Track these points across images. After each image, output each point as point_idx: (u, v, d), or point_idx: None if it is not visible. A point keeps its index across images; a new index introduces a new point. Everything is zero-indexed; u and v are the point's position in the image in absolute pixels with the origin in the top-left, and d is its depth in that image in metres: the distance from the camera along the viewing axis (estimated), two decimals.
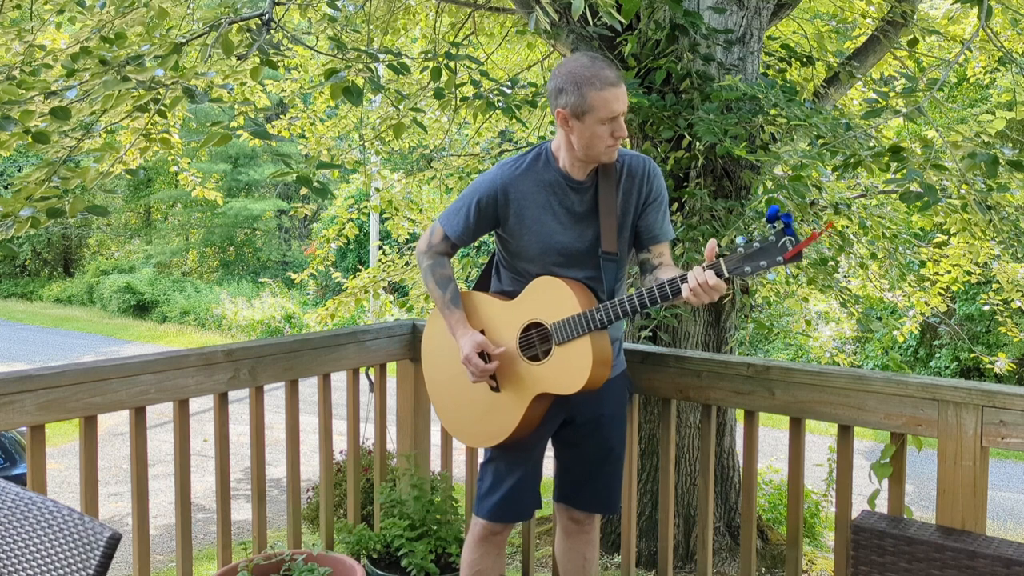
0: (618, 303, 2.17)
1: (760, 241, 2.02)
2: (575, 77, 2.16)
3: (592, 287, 2.31)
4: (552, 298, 2.27)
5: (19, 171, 19.41)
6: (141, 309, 19.32)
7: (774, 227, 2.01)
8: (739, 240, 2.06)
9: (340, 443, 3.75)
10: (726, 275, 2.04)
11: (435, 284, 2.44)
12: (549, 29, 3.90)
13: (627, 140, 4.57)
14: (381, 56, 3.52)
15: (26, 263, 23.77)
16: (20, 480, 5.40)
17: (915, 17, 5.01)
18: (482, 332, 2.40)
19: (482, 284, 2.55)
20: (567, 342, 2.23)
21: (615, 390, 2.44)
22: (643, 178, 2.33)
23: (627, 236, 2.35)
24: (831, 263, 4.09)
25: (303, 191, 3.41)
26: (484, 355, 2.34)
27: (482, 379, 2.35)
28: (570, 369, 2.23)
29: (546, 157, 2.32)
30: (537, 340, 2.31)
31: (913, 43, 5.29)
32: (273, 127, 7.83)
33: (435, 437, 3.29)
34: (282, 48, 3.40)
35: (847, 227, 4.42)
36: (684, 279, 2.07)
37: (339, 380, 3.06)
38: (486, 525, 2.46)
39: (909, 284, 6.21)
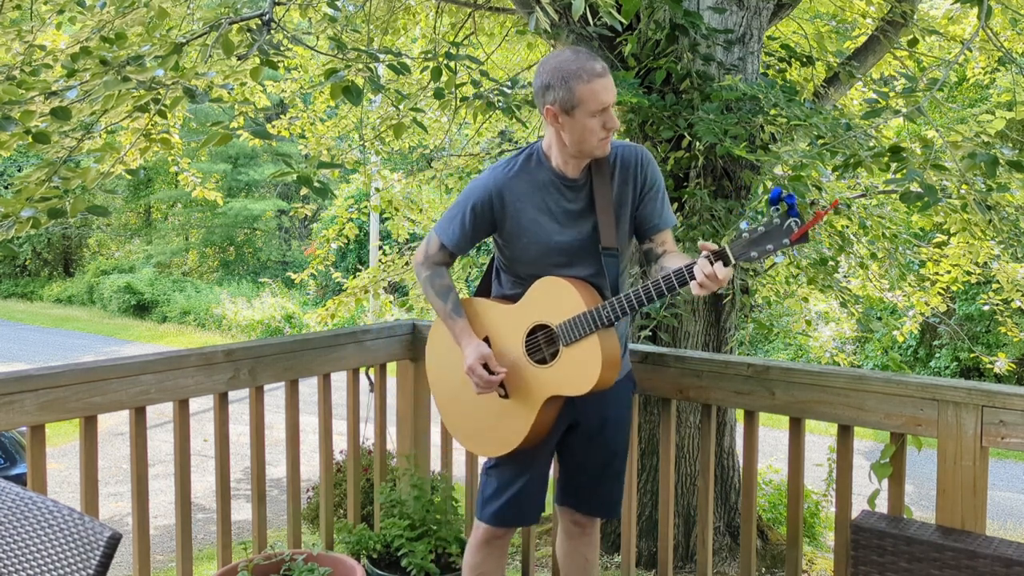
0: (623, 298, 2.13)
1: (765, 224, 1.98)
2: (561, 72, 2.12)
3: (596, 284, 2.27)
4: (556, 299, 2.23)
5: (19, 171, 19.42)
6: (141, 309, 19.32)
7: (777, 209, 1.97)
8: (743, 225, 2.02)
9: (340, 443, 3.74)
10: (732, 261, 2.00)
11: (435, 295, 2.39)
12: (549, 29, 3.90)
13: (619, 131, 4.58)
14: (381, 56, 3.52)
15: (26, 263, 23.78)
16: (20, 480, 5.40)
17: (915, 17, 5.02)
18: (486, 338, 2.36)
19: (483, 289, 2.51)
20: (575, 342, 2.19)
21: (620, 392, 2.41)
22: (637, 167, 2.29)
23: (626, 229, 2.31)
24: (831, 263, 4.09)
25: (303, 191, 3.41)
26: (488, 367, 2.29)
27: (487, 391, 2.30)
28: (579, 369, 2.19)
29: (538, 157, 2.28)
30: (543, 343, 2.28)
31: (913, 43, 5.30)
32: (273, 127, 7.83)
33: (435, 437, 3.29)
34: (282, 48, 3.40)
35: (847, 227, 4.42)
36: (691, 270, 2.03)
37: (339, 380, 3.06)
38: (488, 529, 2.44)
39: (909, 284, 6.21)
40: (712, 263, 1.99)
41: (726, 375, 2.49)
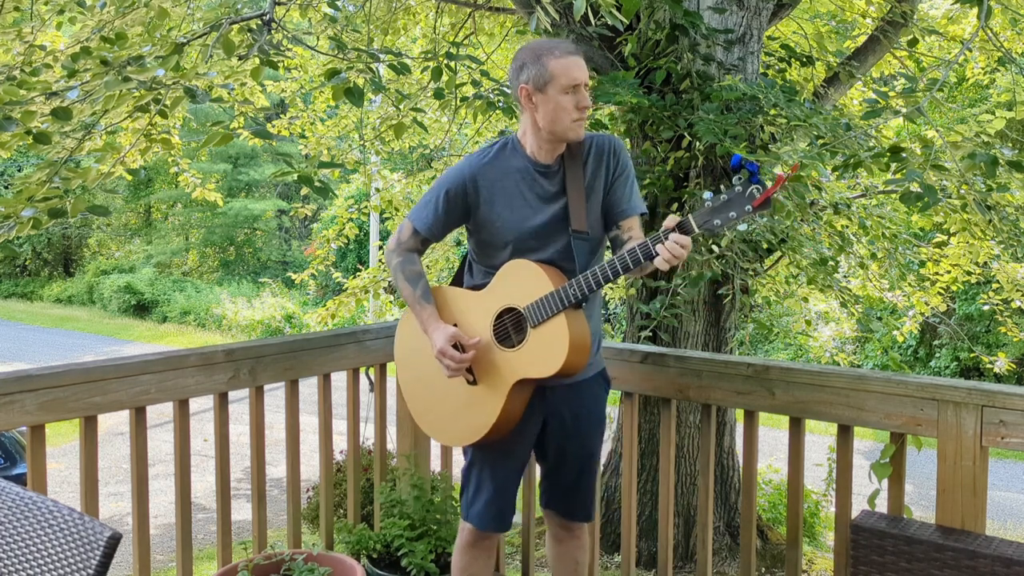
0: (590, 274, 2.13)
1: (727, 193, 1.98)
2: (534, 51, 2.17)
3: (565, 268, 2.26)
4: (523, 281, 2.22)
5: (19, 171, 19.42)
6: (141, 309, 19.33)
7: (740, 177, 1.96)
8: (706, 195, 2.01)
9: (340, 443, 3.75)
10: (696, 231, 2.01)
11: (405, 281, 2.38)
12: (550, 29, 3.90)
13: (618, 131, 4.57)
14: (381, 56, 3.52)
15: (26, 263, 23.78)
16: (20, 480, 5.40)
17: (915, 17, 5.02)
18: (455, 326, 2.34)
19: (456, 282, 2.51)
20: (542, 323, 2.17)
21: (592, 388, 2.40)
22: (610, 154, 2.30)
23: (597, 215, 2.31)
24: (831, 263, 4.09)
25: (303, 191, 3.42)
26: (458, 347, 2.28)
27: (458, 372, 2.28)
28: (547, 350, 2.17)
29: (512, 145, 2.31)
30: (511, 328, 2.25)
31: (913, 43, 5.30)
32: (273, 127, 7.83)
33: None
34: (282, 48, 3.40)
35: (847, 227, 4.42)
36: (656, 239, 2.03)
37: (339, 380, 3.06)
38: (475, 531, 2.44)
39: (909, 284, 6.21)
40: (673, 230, 2.01)
41: (726, 375, 2.49)
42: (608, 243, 2.39)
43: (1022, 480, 8.27)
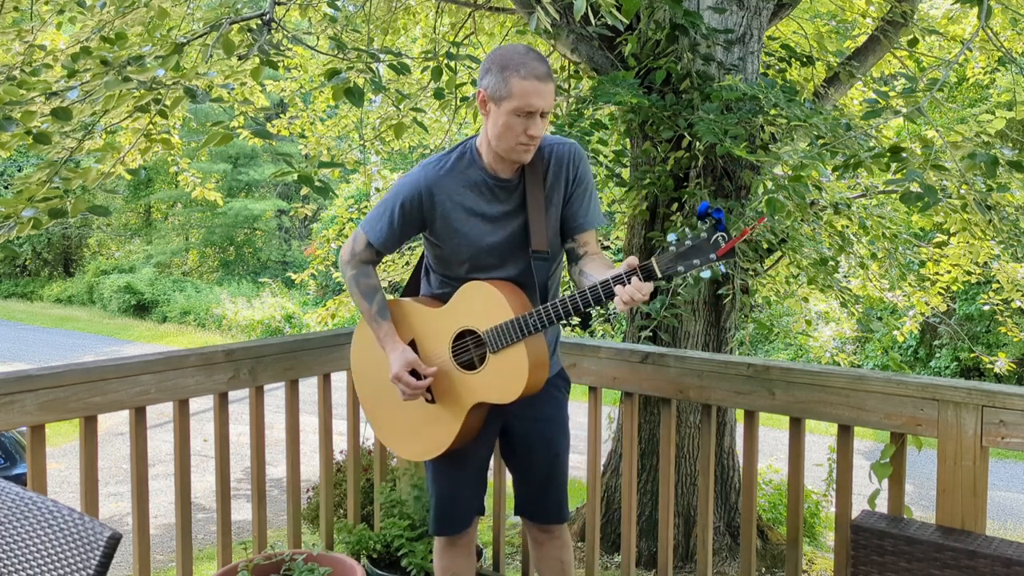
0: (551, 308, 2.10)
1: (692, 239, 1.96)
2: (503, 60, 2.06)
3: (523, 284, 2.23)
4: (483, 304, 2.19)
5: (19, 171, 19.42)
6: (141, 309, 19.34)
7: (705, 223, 1.95)
8: (671, 238, 1.99)
9: (340, 443, 3.75)
10: (659, 276, 1.98)
11: (360, 295, 2.33)
12: (549, 29, 3.90)
13: (619, 131, 4.57)
14: (381, 56, 3.53)
15: (26, 263, 23.79)
16: (20, 480, 5.40)
17: (915, 17, 5.02)
18: (412, 341, 2.32)
19: (411, 286, 2.48)
20: (502, 350, 2.16)
21: (551, 391, 2.38)
22: (569, 164, 2.23)
23: (556, 227, 2.26)
24: (831, 263, 4.09)
25: (303, 191, 3.41)
26: (415, 372, 2.26)
27: (413, 398, 2.27)
28: (506, 377, 2.17)
29: (471, 155, 2.22)
30: (472, 345, 2.23)
31: (913, 43, 5.30)
32: (273, 127, 7.84)
33: None
34: (282, 48, 3.40)
35: (847, 227, 4.42)
36: (618, 280, 1.99)
37: (339, 380, 3.06)
38: (437, 537, 2.48)
39: (909, 284, 6.21)
40: (640, 278, 1.97)
41: (726, 375, 2.49)
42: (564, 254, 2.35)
43: (1022, 480, 8.28)
